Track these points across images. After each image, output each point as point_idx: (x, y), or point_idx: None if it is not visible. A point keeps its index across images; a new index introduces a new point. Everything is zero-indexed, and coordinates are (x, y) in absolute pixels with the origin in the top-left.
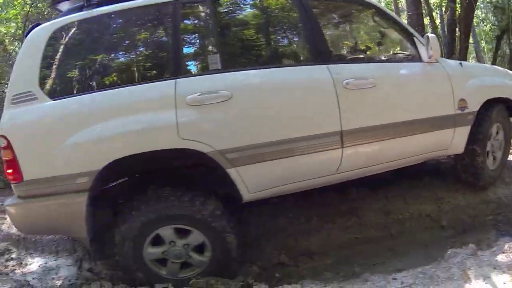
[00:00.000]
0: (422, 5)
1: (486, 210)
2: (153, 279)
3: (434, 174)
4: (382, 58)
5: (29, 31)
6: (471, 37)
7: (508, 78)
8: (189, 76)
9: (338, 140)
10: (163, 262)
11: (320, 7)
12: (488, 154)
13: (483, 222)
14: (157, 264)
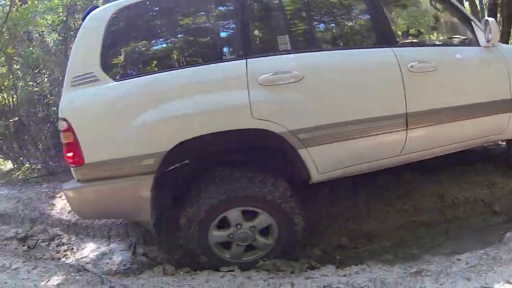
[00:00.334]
0: None
1: None
2: (216, 263)
3: (484, 160)
4: (441, 42)
5: (86, 14)
6: None
7: None
8: (259, 56)
9: (403, 122)
10: (227, 245)
11: None
12: None
13: None
14: (220, 247)
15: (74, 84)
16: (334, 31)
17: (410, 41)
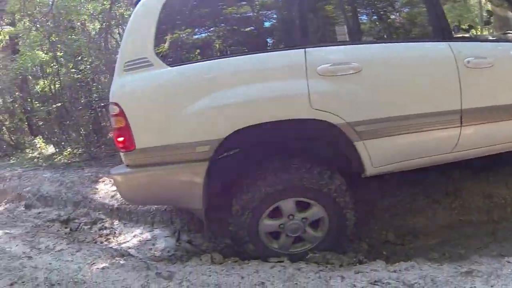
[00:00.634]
0: None
1: None
2: (263, 252)
3: None
4: (495, 37)
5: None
6: None
7: None
8: (317, 46)
9: (458, 118)
10: (275, 235)
11: None
12: None
13: None
14: (269, 237)
15: (127, 69)
16: (391, 23)
17: (466, 35)
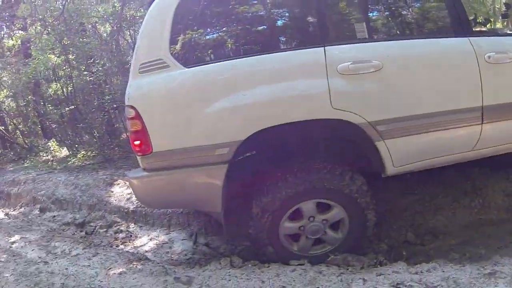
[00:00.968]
0: None
1: None
2: (282, 254)
3: None
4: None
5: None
6: None
7: None
8: (337, 44)
9: (479, 116)
10: (295, 237)
11: None
12: None
13: None
14: (289, 239)
15: (142, 71)
16: (411, 20)
17: (485, 30)
